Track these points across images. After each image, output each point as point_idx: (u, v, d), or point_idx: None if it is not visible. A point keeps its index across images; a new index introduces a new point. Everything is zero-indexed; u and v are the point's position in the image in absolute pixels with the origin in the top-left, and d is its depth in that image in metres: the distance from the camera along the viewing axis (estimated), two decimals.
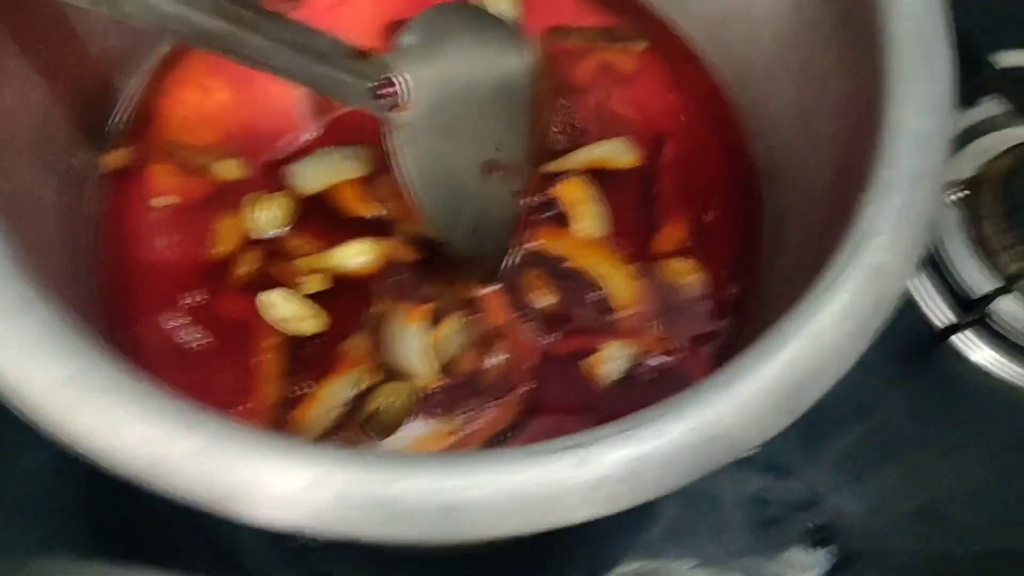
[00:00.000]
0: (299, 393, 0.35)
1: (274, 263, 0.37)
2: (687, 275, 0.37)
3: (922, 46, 0.30)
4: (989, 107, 0.51)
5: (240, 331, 0.36)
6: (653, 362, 0.36)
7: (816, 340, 0.25)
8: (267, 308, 0.35)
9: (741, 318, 0.37)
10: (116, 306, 0.36)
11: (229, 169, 0.38)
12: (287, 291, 0.36)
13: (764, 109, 0.39)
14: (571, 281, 0.37)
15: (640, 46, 0.42)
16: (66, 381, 0.23)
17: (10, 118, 0.31)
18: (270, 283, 0.36)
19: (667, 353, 0.36)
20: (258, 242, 0.37)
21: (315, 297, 0.36)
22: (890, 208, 0.27)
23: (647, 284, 0.37)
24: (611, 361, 0.36)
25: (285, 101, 0.40)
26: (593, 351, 0.36)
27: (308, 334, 0.36)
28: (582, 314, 0.37)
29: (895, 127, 0.28)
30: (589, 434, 0.24)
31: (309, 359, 0.36)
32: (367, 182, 0.38)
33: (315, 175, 0.38)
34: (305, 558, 0.42)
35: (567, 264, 0.37)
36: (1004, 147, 0.50)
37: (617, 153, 0.39)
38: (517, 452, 0.23)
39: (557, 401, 0.35)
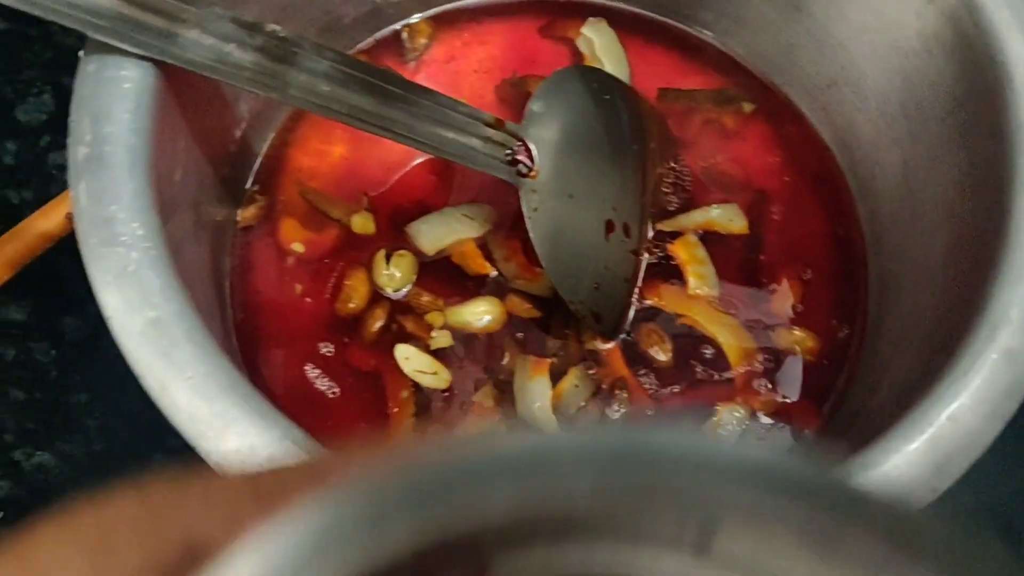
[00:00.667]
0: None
1: (404, 318, 0.39)
2: (797, 342, 0.39)
3: None
4: None
5: (370, 383, 0.38)
6: (765, 421, 0.38)
7: (954, 423, 0.27)
8: (403, 360, 0.37)
9: (846, 377, 0.39)
10: (251, 355, 0.38)
11: (364, 223, 0.40)
12: (415, 347, 0.38)
13: (868, 172, 0.41)
14: (686, 338, 0.39)
15: (748, 108, 0.43)
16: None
17: (181, 182, 0.33)
18: (398, 338, 0.38)
19: (776, 413, 0.38)
20: (385, 298, 0.39)
21: (440, 352, 0.38)
22: (1020, 295, 0.29)
23: (757, 344, 0.39)
24: (726, 426, 0.38)
25: (402, 158, 0.42)
26: (707, 406, 0.38)
27: (439, 388, 0.38)
28: (696, 370, 0.38)
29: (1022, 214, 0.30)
30: None
31: (435, 413, 0.38)
32: (485, 240, 0.40)
33: (437, 234, 0.40)
34: None
35: (682, 321, 0.39)
36: None
37: (728, 218, 0.41)
38: None
39: None
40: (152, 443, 0.47)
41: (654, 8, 0.45)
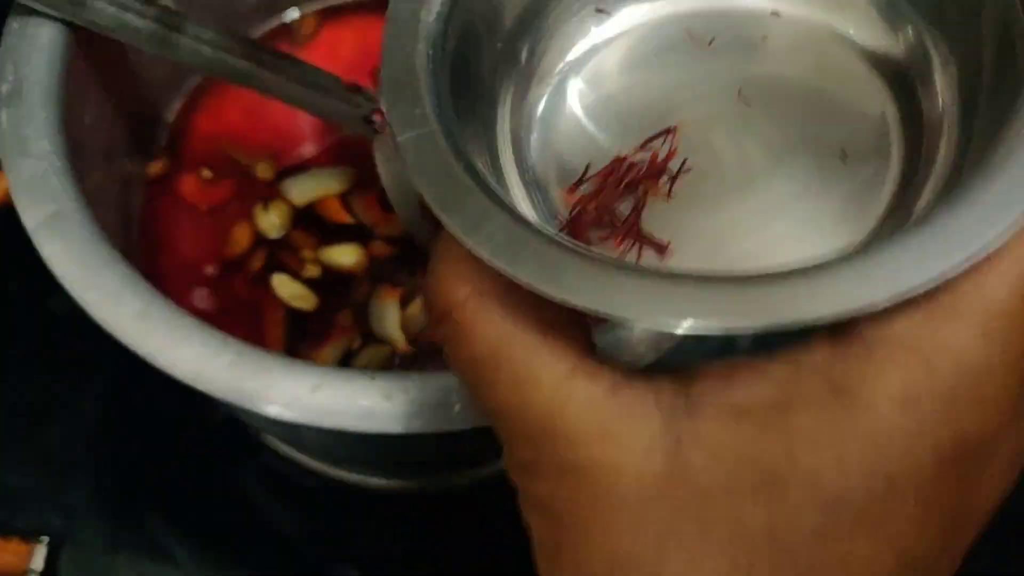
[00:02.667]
0: (303, 355, 0.45)
1: (282, 253, 0.47)
2: None
3: None
4: None
5: (251, 308, 0.46)
6: None
7: None
8: (277, 287, 0.46)
9: None
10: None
11: (266, 169, 0.49)
12: (290, 276, 0.46)
13: None
14: None
15: None
16: (138, 315, 0.33)
17: (91, 130, 0.41)
18: (277, 270, 0.47)
19: None
20: (265, 241, 0.47)
21: (312, 283, 0.46)
22: None
23: None
24: None
25: (286, 127, 0.50)
26: None
27: (306, 310, 0.46)
28: None
29: None
30: None
31: (308, 331, 0.46)
32: (347, 196, 0.49)
33: (305, 188, 0.49)
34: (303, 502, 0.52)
35: None
36: None
37: None
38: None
39: None
40: (79, 392, 0.54)
41: None
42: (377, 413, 0.32)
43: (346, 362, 0.45)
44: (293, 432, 0.44)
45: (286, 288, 0.46)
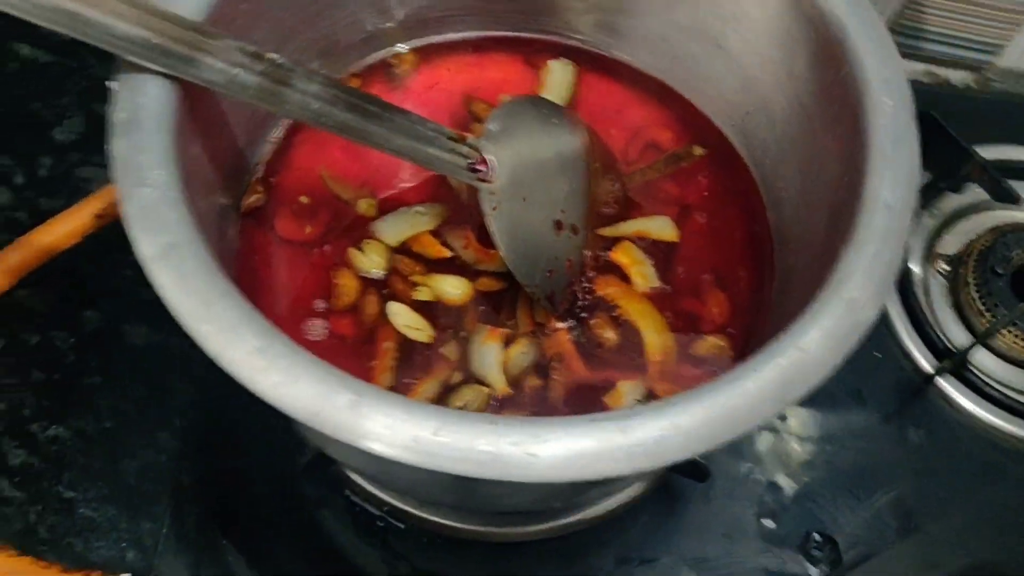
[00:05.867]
0: (407, 383, 0.43)
1: (393, 279, 0.46)
2: (715, 348, 0.46)
3: (895, 137, 0.38)
4: (973, 193, 0.60)
5: (364, 337, 0.45)
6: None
7: (802, 352, 0.34)
8: (393, 315, 0.45)
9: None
10: None
11: (368, 206, 0.48)
12: (403, 305, 0.45)
13: (776, 185, 0.48)
14: (621, 327, 0.46)
15: (699, 152, 0.51)
16: (255, 351, 0.32)
17: (196, 162, 0.40)
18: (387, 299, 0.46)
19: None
20: (372, 283, 0.46)
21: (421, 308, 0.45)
22: (864, 257, 0.36)
23: (675, 344, 0.46)
24: (626, 397, 0.44)
25: (379, 165, 0.49)
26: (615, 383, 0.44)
27: (424, 340, 0.45)
28: (621, 353, 0.45)
29: (872, 198, 0.37)
30: (632, 410, 0.32)
31: (414, 362, 0.44)
32: (443, 232, 0.48)
33: (397, 228, 0.48)
34: (388, 543, 0.51)
35: (619, 312, 0.46)
36: (986, 227, 0.59)
37: (661, 228, 0.49)
38: (581, 419, 0.32)
39: None
40: (157, 424, 0.54)
41: (609, 48, 0.53)
42: (500, 459, 0.31)
43: (443, 398, 0.44)
44: (385, 471, 0.43)
45: (402, 318, 0.45)
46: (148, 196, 0.34)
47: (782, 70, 0.46)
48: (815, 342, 0.34)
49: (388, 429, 0.31)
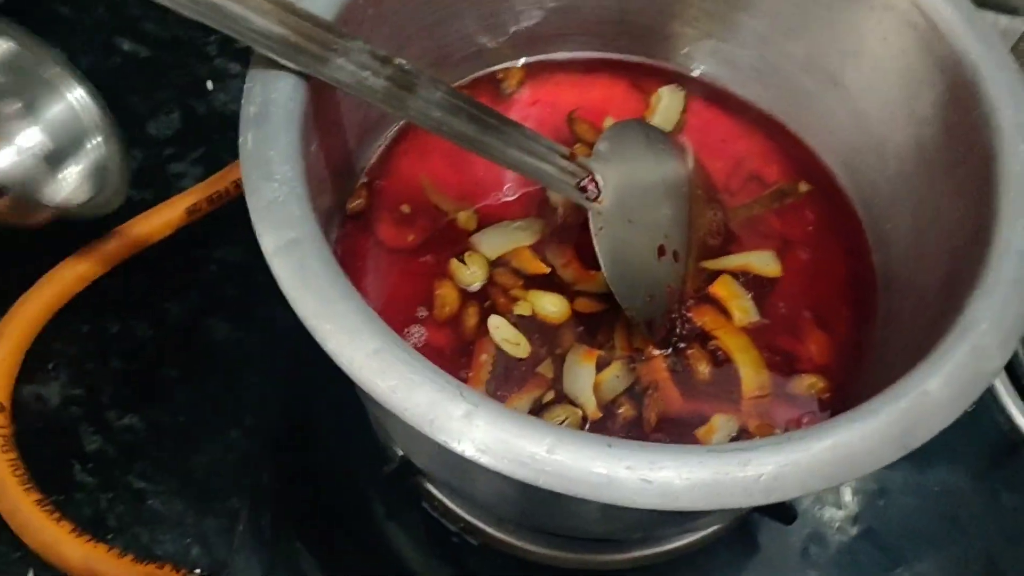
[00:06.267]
0: (500, 396, 0.43)
1: (493, 291, 0.46)
2: (811, 385, 0.45)
3: None
4: None
5: (462, 347, 0.45)
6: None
7: (924, 396, 0.33)
8: (493, 330, 0.44)
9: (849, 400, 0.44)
10: None
11: (468, 219, 0.48)
12: (503, 318, 0.45)
13: (884, 226, 0.47)
14: (717, 359, 0.45)
15: (804, 188, 0.51)
16: (374, 353, 0.32)
17: (312, 162, 0.40)
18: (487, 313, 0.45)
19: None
20: (472, 296, 0.46)
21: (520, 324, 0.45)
22: (992, 303, 0.35)
23: (772, 383, 0.45)
24: (718, 431, 0.43)
25: (490, 170, 0.49)
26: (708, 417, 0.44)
27: (521, 355, 0.44)
28: (716, 386, 0.44)
29: (1003, 245, 0.36)
30: (752, 443, 0.31)
31: (509, 375, 0.44)
32: (542, 248, 0.47)
33: (497, 242, 0.47)
34: (460, 560, 0.50)
35: (717, 344, 0.45)
36: None
37: (765, 263, 0.48)
38: (700, 448, 0.31)
39: None
40: (231, 421, 0.54)
41: (720, 79, 0.53)
42: (614, 483, 0.30)
43: (535, 413, 0.43)
44: (474, 484, 0.42)
45: (502, 332, 0.44)
46: (275, 191, 0.34)
47: (902, 110, 0.45)
48: (938, 387, 0.33)
49: (502, 444, 0.30)
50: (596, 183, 0.44)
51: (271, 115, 0.36)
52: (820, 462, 0.31)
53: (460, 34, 0.49)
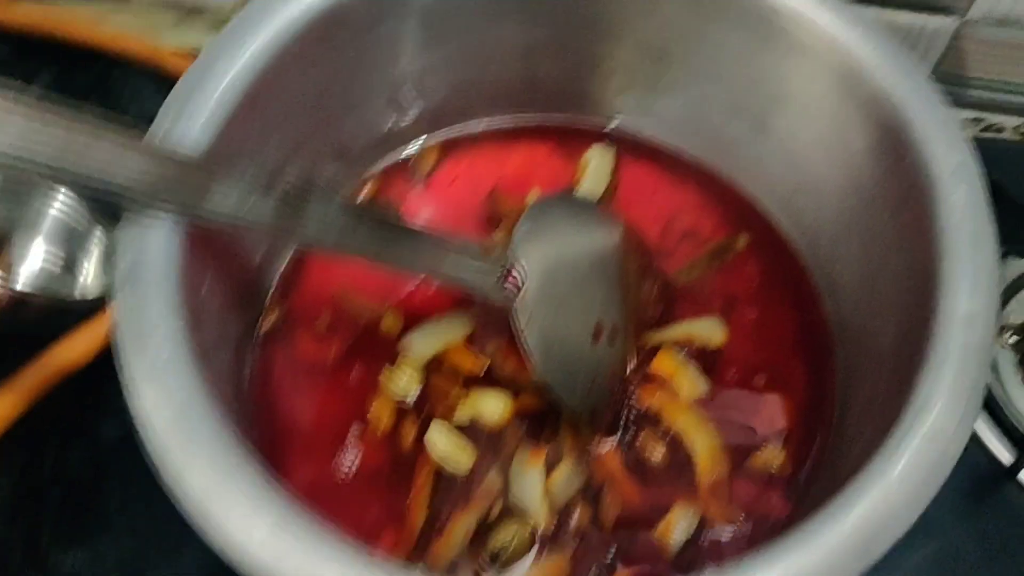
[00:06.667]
0: (443, 521, 0.40)
1: (427, 401, 0.43)
2: (769, 460, 0.42)
3: (971, 236, 0.35)
4: None
5: (399, 469, 0.41)
6: (718, 529, 0.40)
7: (884, 498, 0.30)
8: (431, 446, 0.41)
9: (813, 472, 0.42)
10: (272, 450, 0.42)
11: (391, 322, 0.45)
12: (444, 424, 0.42)
13: (832, 270, 0.45)
14: (669, 441, 0.42)
15: (743, 241, 0.48)
16: (269, 535, 0.29)
17: (207, 299, 0.37)
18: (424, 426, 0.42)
19: (729, 524, 0.40)
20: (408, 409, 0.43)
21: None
22: (944, 380, 0.32)
23: (730, 460, 0.42)
24: (678, 525, 0.40)
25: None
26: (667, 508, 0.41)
27: (463, 471, 0.41)
28: (671, 472, 0.41)
29: (947, 309, 0.33)
30: None
31: (455, 492, 0.41)
32: (473, 342, 0.44)
33: (427, 343, 0.44)
34: None
35: (668, 425, 0.42)
36: None
37: (709, 332, 0.45)
38: None
39: (638, 554, 0.40)
40: (179, 543, 0.51)
41: (646, 131, 0.50)
42: None
43: (483, 532, 0.40)
44: None
45: (440, 448, 0.41)
46: (153, 357, 0.31)
47: (836, 152, 0.42)
48: (896, 484, 0.30)
49: None
50: (516, 276, 0.41)
51: (145, 271, 0.33)
52: None
53: (359, 123, 0.46)
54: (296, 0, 0.39)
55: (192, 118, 0.35)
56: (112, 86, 0.65)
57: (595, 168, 0.49)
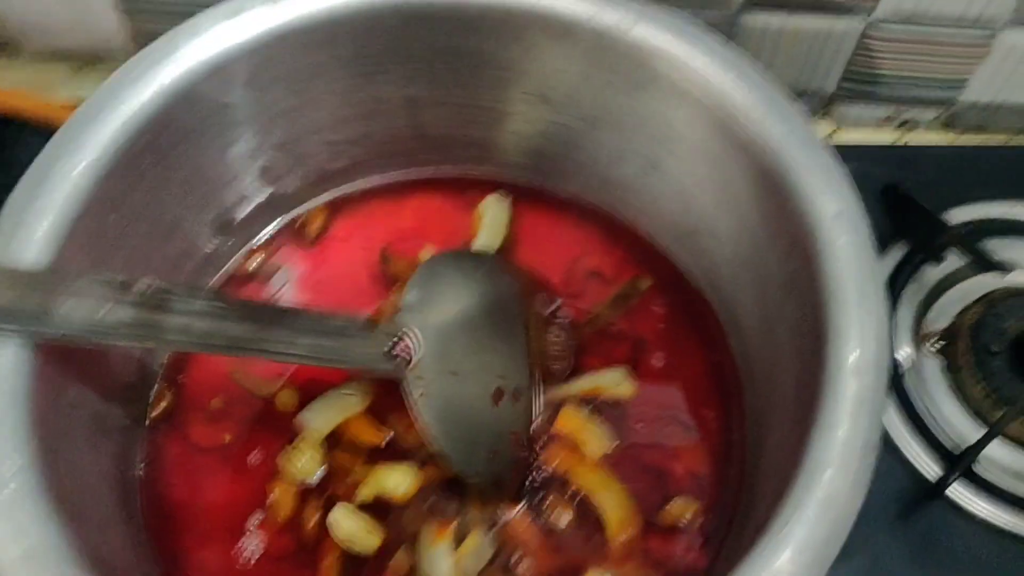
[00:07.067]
0: None
1: (329, 482, 0.41)
2: (682, 512, 0.41)
3: (857, 284, 0.34)
4: (954, 260, 0.55)
5: (302, 552, 0.40)
6: None
7: (782, 569, 0.29)
8: (334, 527, 0.39)
9: (727, 521, 0.41)
10: (170, 547, 0.40)
11: (289, 398, 0.43)
12: (347, 506, 0.40)
13: (735, 311, 0.44)
14: (577, 503, 0.41)
15: (645, 284, 0.47)
16: None
17: (72, 407, 0.35)
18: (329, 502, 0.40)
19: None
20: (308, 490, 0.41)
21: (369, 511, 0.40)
22: (834, 442, 0.31)
23: (641, 515, 0.41)
24: None
25: None
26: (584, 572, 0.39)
27: (370, 551, 0.39)
28: (581, 535, 0.40)
29: (837, 364, 0.32)
30: None
31: (364, 573, 0.39)
32: (372, 412, 0.43)
33: (324, 418, 0.42)
34: None
35: (576, 486, 0.41)
36: (973, 297, 0.54)
37: (616, 383, 0.43)
38: None
39: None
40: None
41: (539, 177, 0.49)
42: None
43: None
44: None
45: (344, 529, 0.40)
46: (2, 495, 0.29)
47: (723, 194, 0.41)
48: (789, 560, 0.29)
49: None
50: (408, 345, 0.39)
51: None
52: None
53: (233, 199, 0.44)
54: (126, 104, 0.37)
55: (30, 230, 0.33)
56: (5, 144, 0.63)
57: (492, 218, 0.48)
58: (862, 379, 0.32)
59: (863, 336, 0.33)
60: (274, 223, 0.48)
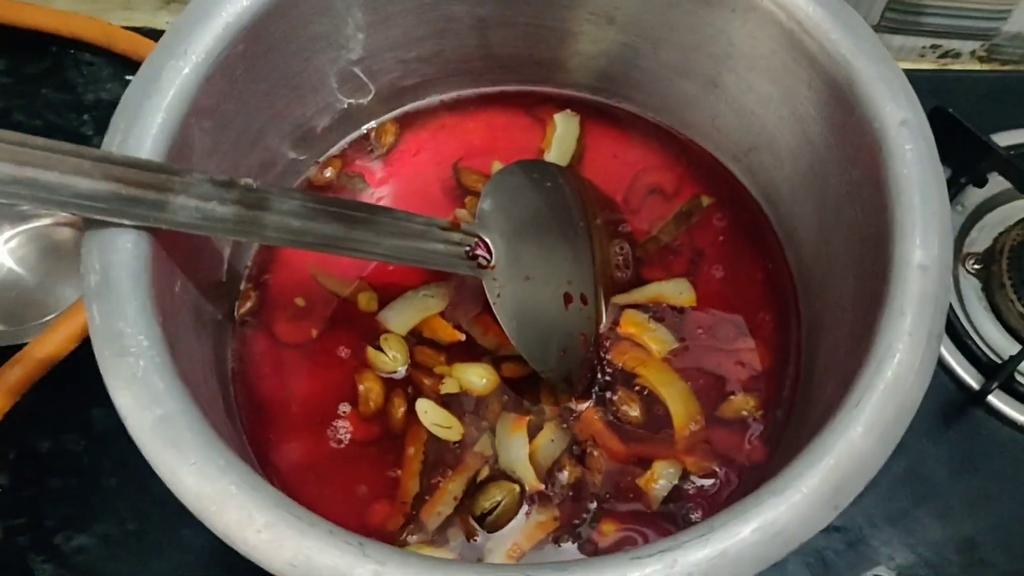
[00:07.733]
0: (434, 484, 0.41)
1: (416, 374, 0.44)
2: (742, 406, 0.43)
3: (921, 188, 0.35)
4: (997, 183, 0.57)
5: (390, 436, 0.43)
6: (699, 477, 0.42)
7: (849, 449, 0.31)
8: (422, 414, 0.42)
9: (784, 418, 0.43)
10: (259, 434, 0.43)
11: (369, 300, 0.45)
12: (431, 400, 0.43)
13: (791, 224, 0.46)
14: (644, 398, 0.43)
15: (707, 201, 0.49)
16: (264, 527, 0.30)
17: (180, 297, 0.38)
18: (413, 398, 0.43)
19: (709, 475, 0.42)
20: (395, 382, 0.44)
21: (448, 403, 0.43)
22: (901, 330, 0.33)
23: (702, 411, 0.43)
24: (660, 479, 0.42)
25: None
26: (649, 462, 0.42)
27: (453, 439, 0.42)
28: (649, 428, 0.43)
29: (903, 260, 0.34)
30: (675, 539, 0.30)
31: (445, 459, 0.42)
32: (450, 314, 0.45)
33: (405, 316, 0.45)
34: None
35: (641, 382, 0.44)
36: (1013, 220, 0.56)
37: (679, 292, 0.46)
38: (621, 557, 0.29)
39: (624, 507, 0.42)
40: (180, 520, 0.52)
41: (602, 95, 0.51)
42: None
43: (472, 494, 0.41)
44: None
45: (431, 416, 0.42)
46: (131, 366, 0.32)
47: (785, 109, 0.43)
48: (861, 436, 0.32)
49: None
50: (486, 247, 0.41)
51: (115, 282, 0.33)
52: (750, 545, 0.30)
53: (316, 107, 0.46)
54: (227, 10, 0.38)
55: (143, 129, 0.35)
56: (66, 72, 0.64)
57: (561, 134, 0.50)
58: (927, 274, 0.34)
59: (928, 237, 0.35)
60: (348, 136, 0.49)
